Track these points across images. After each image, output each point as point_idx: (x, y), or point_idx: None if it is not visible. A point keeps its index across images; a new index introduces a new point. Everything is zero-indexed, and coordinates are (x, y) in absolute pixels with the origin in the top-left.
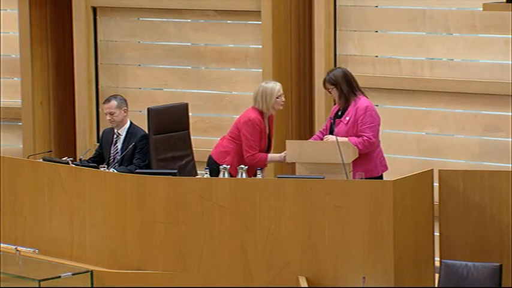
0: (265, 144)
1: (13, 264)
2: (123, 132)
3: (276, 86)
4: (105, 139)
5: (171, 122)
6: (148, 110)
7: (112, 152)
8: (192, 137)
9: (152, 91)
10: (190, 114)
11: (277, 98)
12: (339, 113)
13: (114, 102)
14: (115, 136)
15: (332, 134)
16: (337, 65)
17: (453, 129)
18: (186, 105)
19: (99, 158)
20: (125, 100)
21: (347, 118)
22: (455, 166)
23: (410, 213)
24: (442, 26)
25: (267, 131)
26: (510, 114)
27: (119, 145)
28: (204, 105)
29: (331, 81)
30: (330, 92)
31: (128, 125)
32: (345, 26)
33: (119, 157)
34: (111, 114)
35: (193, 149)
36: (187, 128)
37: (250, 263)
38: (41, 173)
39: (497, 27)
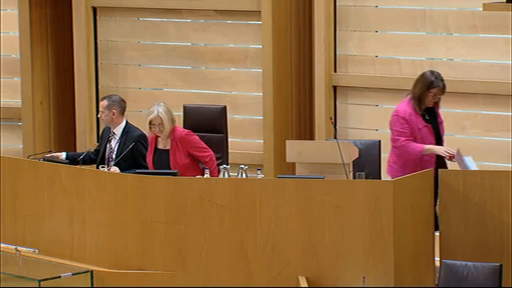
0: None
1: (13, 264)
2: (118, 131)
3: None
4: (103, 136)
5: (204, 122)
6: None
7: (107, 150)
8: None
9: (152, 91)
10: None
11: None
12: (427, 117)
13: (105, 102)
14: (110, 134)
15: (439, 139)
16: (337, 65)
17: (453, 129)
18: (224, 108)
19: (97, 154)
20: (120, 103)
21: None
22: (455, 166)
23: (410, 213)
24: (442, 26)
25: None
26: (510, 114)
27: (113, 144)
28: None
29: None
30: (437, 96)
31: (123, 124)
32: (345, 26)
33: (114, 156)
34: (101, 112)
35: None
36: (223, 131)
37: (250, 263)
38: (41, 173)
39: (497, 27)
